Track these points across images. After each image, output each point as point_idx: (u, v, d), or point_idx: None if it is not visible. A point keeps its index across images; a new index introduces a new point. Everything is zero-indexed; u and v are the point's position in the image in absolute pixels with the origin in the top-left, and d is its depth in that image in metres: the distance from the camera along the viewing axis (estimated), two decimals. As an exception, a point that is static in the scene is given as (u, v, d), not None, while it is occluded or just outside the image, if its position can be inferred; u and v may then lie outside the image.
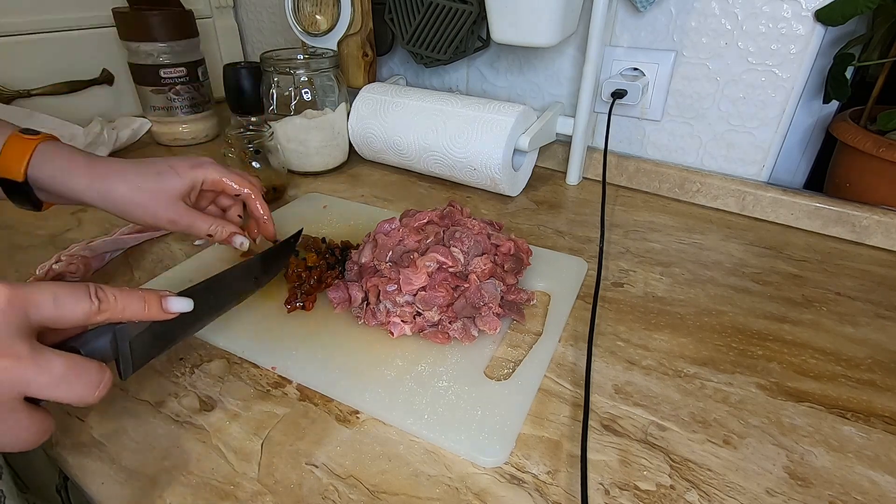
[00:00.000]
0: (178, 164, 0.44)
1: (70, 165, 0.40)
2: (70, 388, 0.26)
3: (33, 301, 0.25)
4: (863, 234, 0.60)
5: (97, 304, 0.27)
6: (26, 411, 0.25)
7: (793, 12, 0.58)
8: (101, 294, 0.28)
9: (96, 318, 0.27)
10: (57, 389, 0.25)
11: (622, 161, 0.73)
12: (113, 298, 0.28)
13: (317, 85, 0.73)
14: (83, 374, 0.26)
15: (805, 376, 0.41)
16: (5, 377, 0.24)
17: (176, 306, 0.31)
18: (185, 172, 0.44)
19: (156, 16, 0.77)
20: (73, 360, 0.26)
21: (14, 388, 0.24)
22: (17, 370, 0.24)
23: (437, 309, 0.42)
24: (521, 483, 0.33)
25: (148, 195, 0.42)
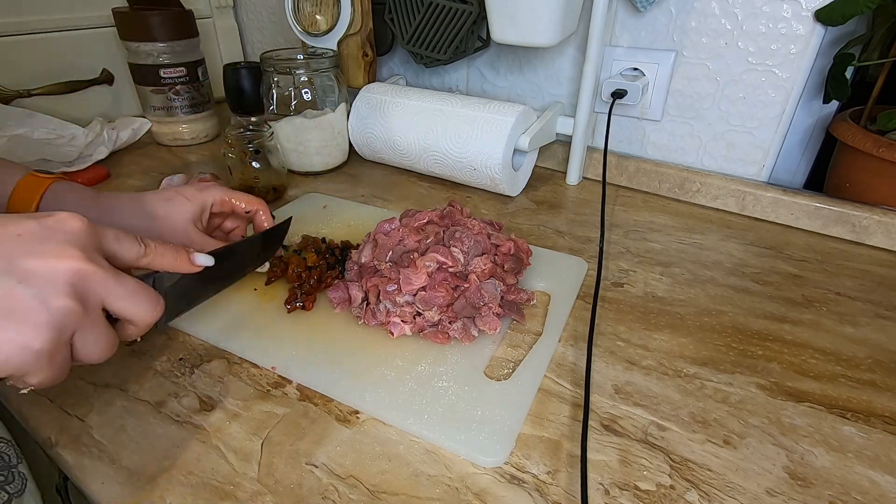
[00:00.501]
0: (186, 190, 0.46)
1: (80, 201, 0.43)
2: (139, 304, 0.29)
3: (103, 233, 0.29)
4: (863, 234, 0.60)
5: (143, 248, 0.31)
6: (106, 323, 0.28)
7: (793, 12, 0.58)
8: (147, 241, 0.32)
9: (142, 260, 0.31)
10: (129, 302, 0.28)
11: (622, 161, 0.73)
12: (153, 246, 0.32)
13: (317, 85, 0.73)
14: (147, 294, 0.29)
15: (805, 376, 0.41)
16: (94, 281, 0.27)
17: (201, 260, 0.34)
18: (194, 196, 0.45)
19: (156, 16, 0.77)
20: (137, 280, 0.29)
21: (99, 294, 0.27)
22: (102, 277, 0.27)
23: (437, 309, 0.42)
24: (521, 483, 0.33)
25: (160, 222, 0.44)
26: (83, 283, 0.26)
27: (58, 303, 0.25)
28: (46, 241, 0.26)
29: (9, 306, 0.24)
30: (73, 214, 0.28)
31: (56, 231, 0.27)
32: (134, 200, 0.44)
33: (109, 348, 0.29)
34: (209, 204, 0.46)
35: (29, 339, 0.24)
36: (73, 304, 0.26)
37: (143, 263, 0.31)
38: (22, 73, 0.77)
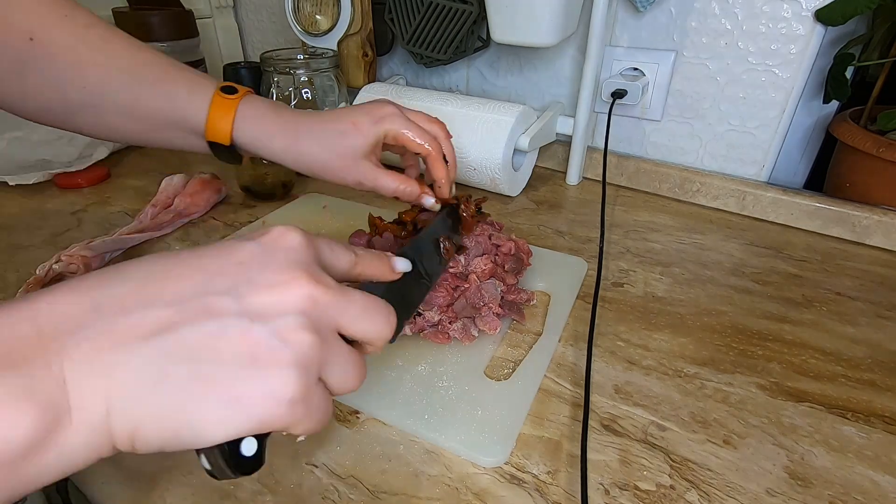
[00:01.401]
0: (361, 120, 0.43)
1: (267, 128, 0.42)
2: (373, 322, 0.25)
3: (318, 245, 0.26)
4: (863, 234, 0.60)
5: (355, 257, 0.28)
6: (347, 346, 0.25)
7: (793, 12, 0.58)
8: (356, 249, 0.29)
9: (354, 270, 0.28)
10: (364, 321, 0.25)
11: (622, 161, 0.73)
12: (363, 254, 0.29)
13: (317, 85, 0.73)
14: (378, 307, 0.26)
15: (805, 376, 0.41)
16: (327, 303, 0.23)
17: (400, 266, 0.31)
18: (368, 129, 0.43)
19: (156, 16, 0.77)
20: (365, 294, 0.25)
21: (333, 318, 0.24)
22: (333, 298, 0.23)
23: (437, 309, 0.42)
24: (521, 483, 0.33)
25: (333, 157, 0.42)
26: (316, 309, 0.23)
27: (296, 337, 0.22)
28: (268, 266, 0.23)
29: (251, 352, 0.21)
30: (289, 228, 0.25)
31: (276, 251, 0.24)
32: (315, 125, 0.43)
33: (361, 373, 0.25)
34: (382, 137, 0.43)
35: (278, 388, 0.21)
36: (311, 337, 0.22)
37: (356, 274, 0.28)
38: (22, 73, 0.77)
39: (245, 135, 0.41)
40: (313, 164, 0.43)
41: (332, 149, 0.42)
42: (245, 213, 0.64)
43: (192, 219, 0.62)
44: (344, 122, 0.43)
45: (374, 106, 0.44)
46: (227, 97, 0.41)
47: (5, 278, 0.50)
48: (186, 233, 0.60)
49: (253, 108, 0.42)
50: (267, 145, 0.42)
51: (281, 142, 0.42)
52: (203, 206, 0.63)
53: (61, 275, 0.49)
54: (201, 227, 0.61)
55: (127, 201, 0.66)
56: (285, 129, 0.42)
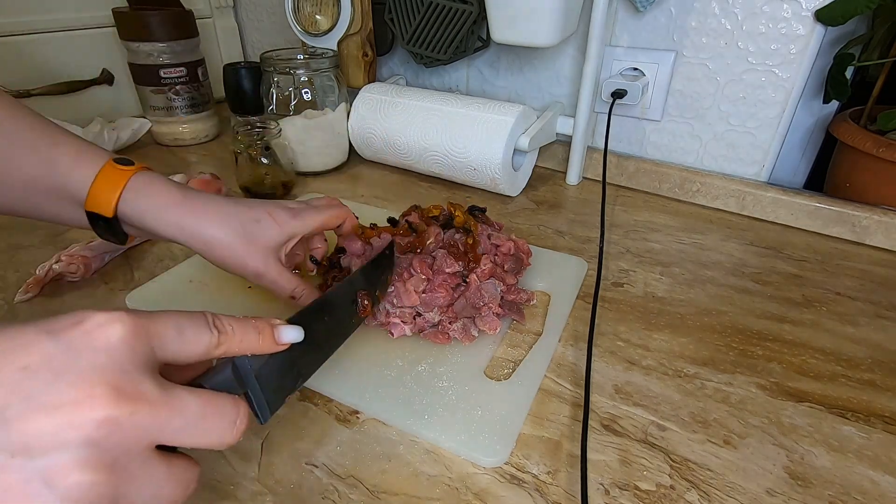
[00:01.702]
0: (278, 214, 0.41)
1: (163, 201, 0.38)
2: (208, 430, 0.22)
3: (157, 333, 0.22)
4: (863, 234, 0.60)
5: (216, 336, 0.24)
6: (163, 463, 0.21)
7: (793, 12, 0.58)
8: (220, 324, 0.25)
9: (215, 351, 0.24)
10: (194, 433, 0.22)
11: (622, 161, 0.73)
12: (230, 329, 0.25)
13: (317, 85, 0.73)
14: (219, 412, 0.23)
15: (805, 376, 0.41)
16: (135, 425, 0.20)
17: (287, 337, 0.28)
18: (286, 223, 0.41)
19: (156, 16, 0.77)
20: (205, 397, 0.22)
21: (145, 437, 0.20)
22: (147, 415, 0.20)
23: (438, 309, 0.42)
24: (521, 483, 0.33)
25: (240, 242, 0.39)
26: (115, 435, 0.19)
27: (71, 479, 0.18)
28: (63, 376, 0.19)
29: None
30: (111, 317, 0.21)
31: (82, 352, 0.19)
32: (223, 208, 0.39)
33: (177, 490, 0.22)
34: (298, 235, 0.42)
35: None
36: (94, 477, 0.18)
37: (219, 354, 0.25)
38: (22, 73, 0.77)
39: (134, 207, 0.37)
40: (210, 244, 0.39)
41: (240, 234, 0.39)
42: (245, 213, 0.64)
43: (192, 219, 0.62)
44: (260, 211, 0.40)
45: (286, 204, 0.43)
46: (120, 168, 0.37)
47: (5, 278, 0.51)
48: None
49: (151, 180, 0.38)
50: (158, 217, 0.38)
51: (177, 215, 0.38)
52: (203, 206, 0.63)
53: (61, 275, 0.49)
54: (201, 227, 0.61)
55: (127, 201, 0.66)
56: (186, 203, 0.38)
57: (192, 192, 0.39)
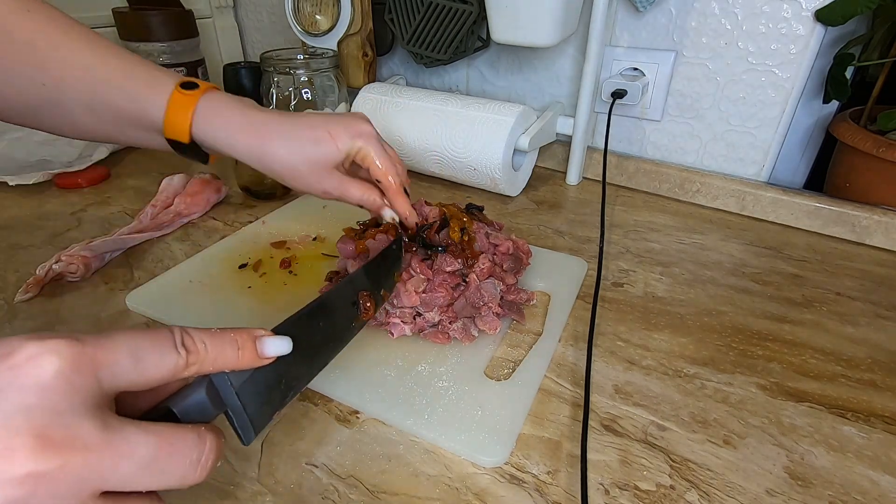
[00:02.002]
0: (338, 132, 0.41)
1: (229, 126, 0.39)
2: (164, 472, 0.20)
3: (106, 362, 0.19)
4: (863, 234, 0.60)
5: (185, 357, 0.22)
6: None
7: (793, 12, 0.58)
8: (189, 342, 0.22)
9: (185, 372, 0.22)
10: (147, 477, 0.19)
11: (622, 161, 0.73)
12: (202, 346, 0.22)
13: (317, 85, 0.73)
14: (178, 451, 0.20)
15: (805, 376, 0.41)
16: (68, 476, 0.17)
17: (272, 349, 0.25)
18: (344, 142, 0.41)
19: (156, 16, 0.77)
20: (161, 434, 0.20)
21: (83, 487, 0.18)
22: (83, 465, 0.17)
23: (438, 309, 0.42)
24: (521, 483, 0.33)
25: (303, 164, 0.40)
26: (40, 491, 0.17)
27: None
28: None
29: None
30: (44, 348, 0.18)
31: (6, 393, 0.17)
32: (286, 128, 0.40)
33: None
34: (356, 152, 0.41)
35: None
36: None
37: (190, 374, 0.22)
38: (22, 73, 0.77)
39: (205, 132, 0.39)
40: (280, 167, 0.40)
41: (303, 155, 0.40)
42: (245, 213, 0.64)
43: (191, 219, 0.62)
44: (320, 129, 0.41)
45: (352, 119, 0.43)
46: (186, 93, 0.38)
47: (5, 278, 0.50)
48: (186, 233, 0.60)
49: (215, 103, 0.39)
50: (229, 143, 0.39)
51: (244, 140, 0.39)
52: (203, 206, 0.63)
53: (61, 275, 0.49)
54: (201, 228, 0.61)
55: (127, 201, 0.66)
56: (251, 128, 0.39)
57: (255, 112, 0.40)
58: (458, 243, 0.44)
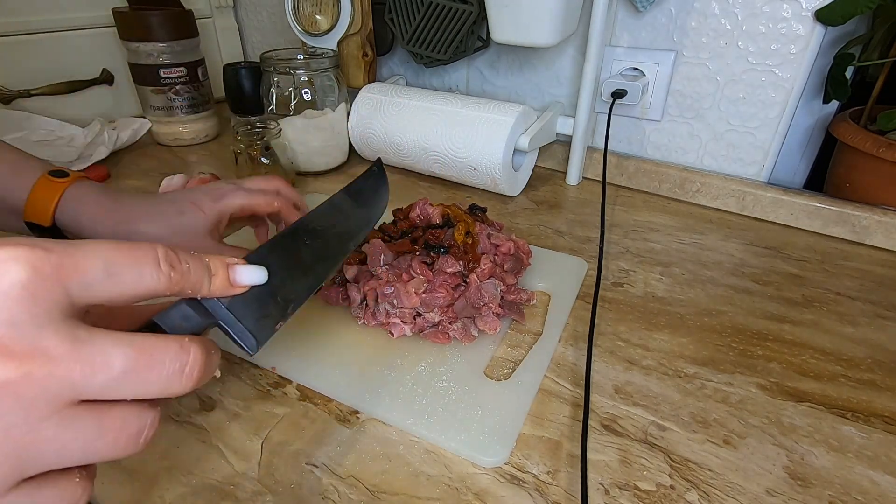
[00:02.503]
0: (201, 199, 0.42)
1: (95, 211, 0.40)
2: (144, 383, 0.19)
3: (76, 271, 0.18)
4: (863, 234, 0.60)
5: (167, 275, 0.20)
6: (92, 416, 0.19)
7: (793, 12, 0.58)
8: (174, 260, 0.21)
9: (165, 292, 0.21)
10: (125, 387, 0.19)
11: (622, 161, 0.73)
12: (186, 267, 0.21)
13: (317, 85, 0.73)
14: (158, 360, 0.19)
15: (805, 376, 0.41)
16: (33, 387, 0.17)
17: (244, 277, 0.24)
18: (209, 207, 0.41)
19: (156, 16, 0.77)
20: (138, 345, 0.19)
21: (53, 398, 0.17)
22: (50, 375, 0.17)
23: (438, 309, 0.42)
24: (521, 483, 0.33)
25: (173, 237, 0.40)
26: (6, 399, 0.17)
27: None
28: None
29: None
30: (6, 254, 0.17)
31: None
32: (151, 206, 0.41)
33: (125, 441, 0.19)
34: (226, 214, 0.42)
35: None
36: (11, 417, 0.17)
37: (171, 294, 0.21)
38: (22, 73, 0.77)
39: (68, 216, 0.39)
40: None
41: (170, 228, 0.40)
42: (245, 213, 0.64)
43: (192, 219, 0.62)
44: (183, 202, 0.41)
45: (211, 187, 0.43)
46: (55, 180, 0.39)
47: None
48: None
49: (83, 191, 0.40)
50: (93, 227, 0.40)
51: (110, 221, 0.40)
52: (203, 206, 0.63)
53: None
54: (201, 227, 0.61)
55: (127, 201, 0.66)
56: (117, 212, 0.40)
57: (122, 197, 0.41)
58: (461, 245, 0.44)
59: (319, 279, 0.31)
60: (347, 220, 0.36)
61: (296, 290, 0.29)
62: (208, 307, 0.24)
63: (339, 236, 0.34)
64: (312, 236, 0.32)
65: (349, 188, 0.37)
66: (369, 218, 0.37)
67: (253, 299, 0.25)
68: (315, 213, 0.34)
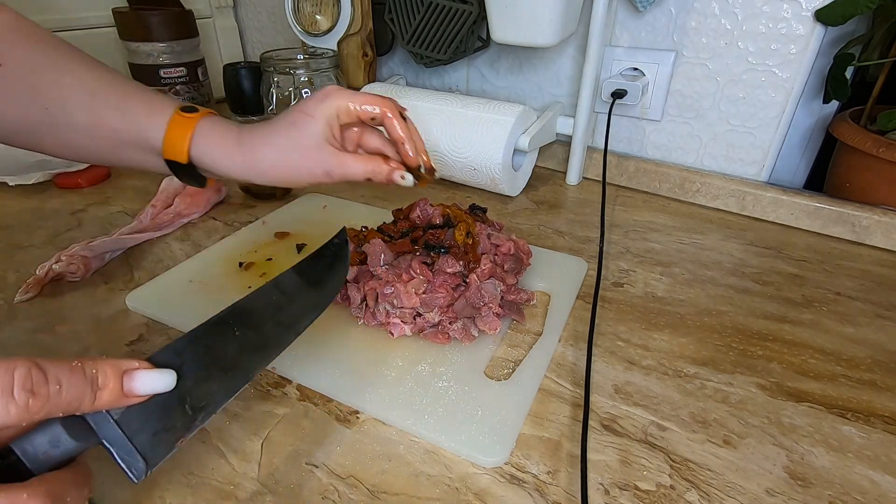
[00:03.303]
0: (307, 105, 0.40)
1: (223, 146, 0.40)
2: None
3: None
4: (863, 234, 0.60)
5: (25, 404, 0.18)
6: None
7: (793, 12, 0.58)
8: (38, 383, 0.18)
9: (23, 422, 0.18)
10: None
11: (622, 161, 0.73)
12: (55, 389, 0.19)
13: (317, 85, 0.73)
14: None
15: (805, 376, 0.41)
16: None
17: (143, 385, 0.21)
18: (316, 110, 0.40)
19: (156, 16, 0.77)
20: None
21: None
22: None
23: (438, 309, 0.42)
24: (521, 483, 0.33)
25: (291, 151, 0.40)
26: None
27: None
28: None
29: None
30: None
31: None
32: (266, 129, 0.40)
33: None
34: (334, 115, 0.40)
35: None
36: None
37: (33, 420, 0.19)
38: (22, 73, 0.77)
39: (203, 152, 0.40)
40: (276, 166, 0.40)
41: (288, 143, 0.40)
42: (245, 213, 0.64)
43: (191, 219, 0.62)
44: (292, 114, 0.40)
45: (318, 91, 0.42)
46: (186, 115, 0.40)
47: (5, 278, 0.50)
48: (186, 233, 0.60)
49: (211, 126, 0.40)
50: (224, 163, 0.40)
51: (238, 158, 0.40)
52: (203, 206, 0.63)
53: (61, 275, 0.49)
54: (201, 227, 0.61)
55: (127, 201, 0.66)
56: (243, 143, 0.40)
57: (242, 129, 0.41)
58: (462, 246, 0.44)
59: (245, 378, 0.27)
60: (291, 305, 0.31)
61: (211, 393, 0.25)
62: (91, 422, 0.20)
63: (278, 325, 0.30)
64: (245, 325, 0.28)
65: (300, 265, 0.33)
66: (318, 302, 0.32)
67: (154, 408, 0.21)
68: (252, 297, 0.29)
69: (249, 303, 0.29)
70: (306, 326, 0.31)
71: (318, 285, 0.33)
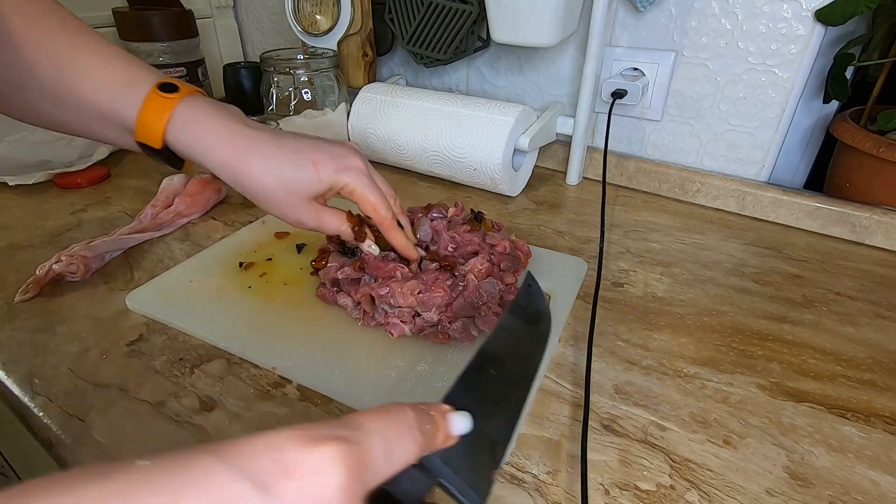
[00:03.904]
0: (323, 161, 0.38)
1: (208, 135, 0.36)
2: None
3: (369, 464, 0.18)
4: (863, 234, 0.60)
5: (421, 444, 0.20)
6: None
7: (793, 12, 0.58)
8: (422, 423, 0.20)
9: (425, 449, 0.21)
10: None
11: (622, 161, 0.73)
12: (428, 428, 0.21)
13: (317, 85, 0.73)
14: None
15: (805, 376, 0.41)
16: None
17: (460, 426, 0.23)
18: (328, 174, 0.38)
19: (156, 16, 0.77)
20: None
21: None
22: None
23: (437, 309, 0.42)
24: (521, 483, 0.33)
25: (279, 188, 0.37)
26: None
27: None
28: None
29: None
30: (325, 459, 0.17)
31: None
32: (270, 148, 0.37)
33: None
34: (339, 188, 0.39)
35: None
36: None
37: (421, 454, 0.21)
38: (22, 73, 0.77)
39: (179, 139, 0.36)
40: (254, 187, 0.38)
41: (280, 178, 0.37)
42: (245, 213, 0.64)
43: (191, 219, 0.62)
44: (303, 155, 0.38)
45: (341, 150, 0.40)
46: (165, 95, 0.35)
47: (5, 278, 0.50)
48: (186, 233, 0.60)
49: (195, 110, 0.36)
50: (204, 153, 0.36)
51: (221, 152, 0.36)
52: (203, 206, 0.63)
53: (61, 275, 0.49)
54: (201, 228, 0.61)
55: (127, 201, 0.66)
56: (230, 140, 0.36)
57: (238, 123, 0.37)
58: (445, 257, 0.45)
59: (517, 411, 0.28)
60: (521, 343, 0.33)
61: (498, 428, 0.26)
62: (428, 465, 0.22)
63: (520, 359, 0.32)
64: (495, 364, 0.29)
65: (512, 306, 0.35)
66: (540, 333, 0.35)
67: (464, 447, 0.23)
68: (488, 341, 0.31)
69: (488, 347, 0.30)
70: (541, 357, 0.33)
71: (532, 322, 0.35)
